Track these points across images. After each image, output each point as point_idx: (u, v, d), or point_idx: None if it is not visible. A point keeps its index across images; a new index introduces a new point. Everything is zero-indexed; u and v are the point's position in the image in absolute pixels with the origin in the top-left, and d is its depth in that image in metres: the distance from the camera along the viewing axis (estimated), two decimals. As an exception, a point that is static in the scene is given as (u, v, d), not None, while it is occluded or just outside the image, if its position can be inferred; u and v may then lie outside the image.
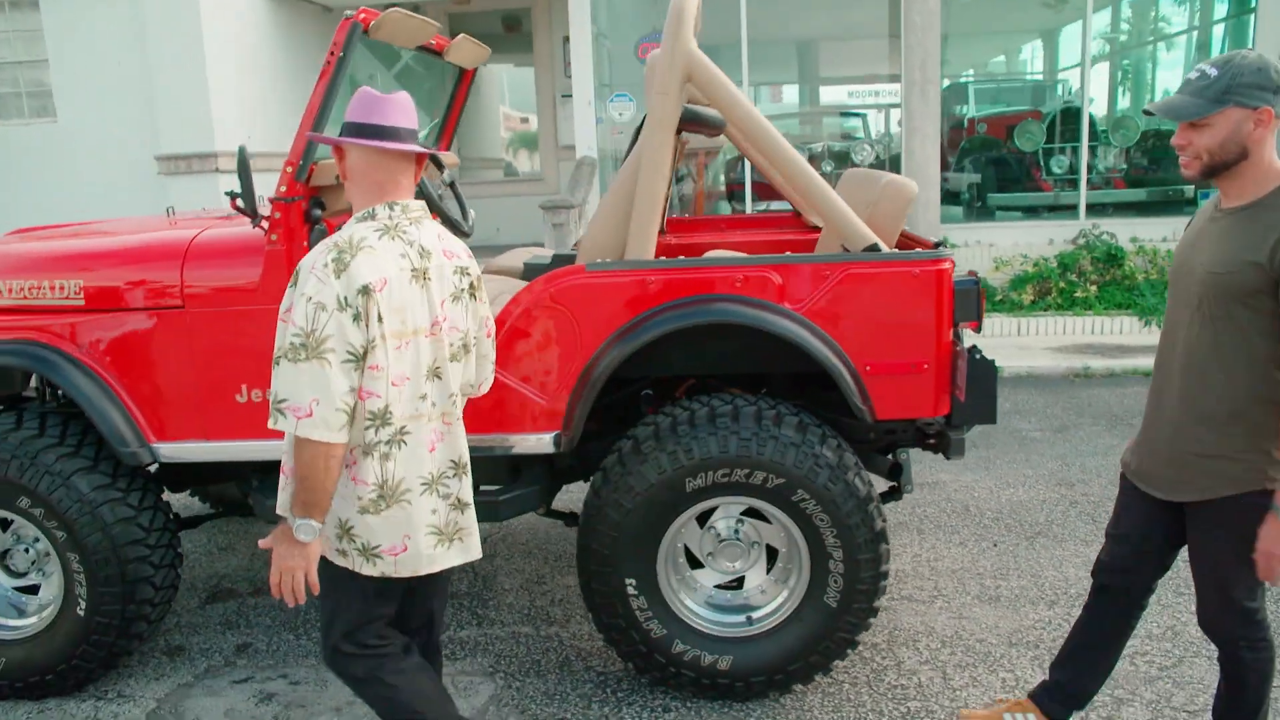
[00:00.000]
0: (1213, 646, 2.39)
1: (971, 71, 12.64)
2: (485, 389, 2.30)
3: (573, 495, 3.84)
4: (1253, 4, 9.72)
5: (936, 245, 2.86)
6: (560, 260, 3.45)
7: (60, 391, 3.24)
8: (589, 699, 2.95)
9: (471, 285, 2.14)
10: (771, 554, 2.90)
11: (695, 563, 2.92)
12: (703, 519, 2.86)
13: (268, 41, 8.15)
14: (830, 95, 12.31)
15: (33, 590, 3.09)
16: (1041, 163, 9.75)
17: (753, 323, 2.66)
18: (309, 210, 2.78)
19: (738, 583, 2.94)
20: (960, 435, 2.93)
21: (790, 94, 12.47)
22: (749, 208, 9.64)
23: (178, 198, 7.51)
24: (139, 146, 7.54)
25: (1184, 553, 2.29)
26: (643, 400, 3.10)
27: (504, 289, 3.33)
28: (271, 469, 3.01)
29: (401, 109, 2.00)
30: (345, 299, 1.86)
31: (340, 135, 1.99)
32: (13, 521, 3.01)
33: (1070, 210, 9.05)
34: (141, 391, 2.89)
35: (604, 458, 2.87)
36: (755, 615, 2.88)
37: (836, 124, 11.20)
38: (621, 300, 2.74)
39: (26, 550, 3.03)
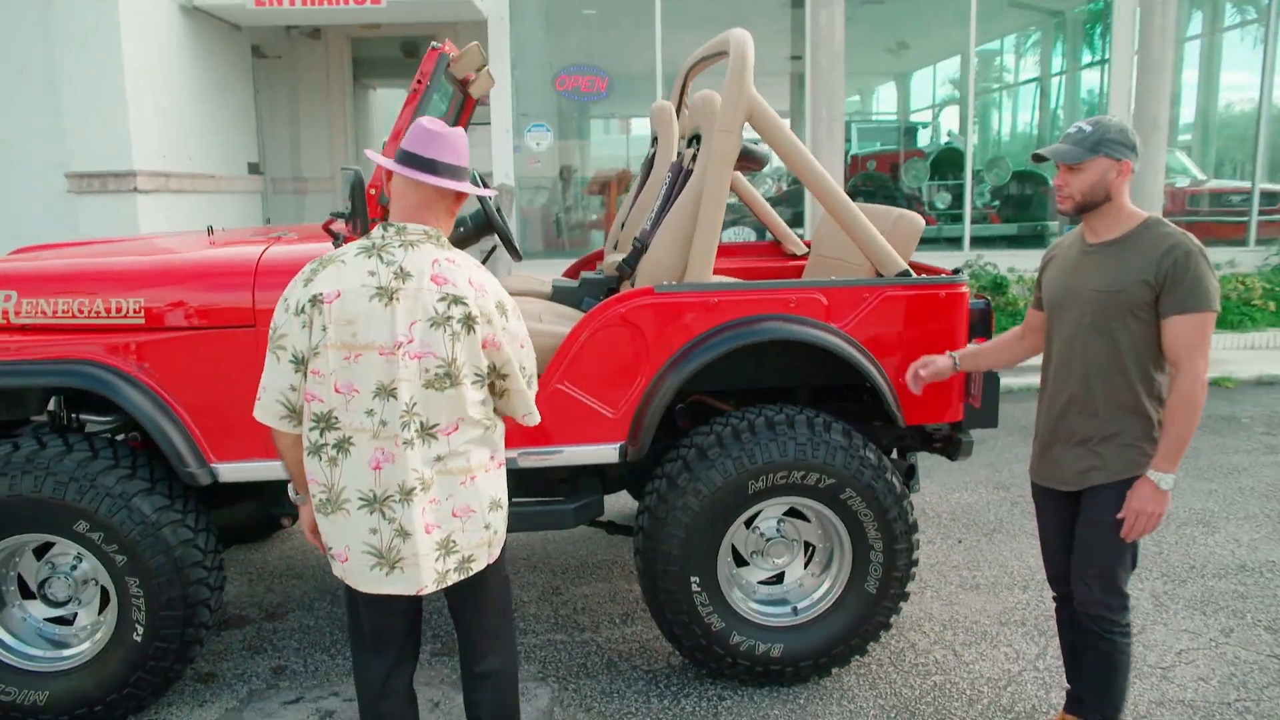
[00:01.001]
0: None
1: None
2: (529, 422, 2.27)
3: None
4: (1084, 62, 10.99)
5: (955, 272, 3.25)
6: (589, 284, 3.66)
7: (77, 416, 3.19)
8: (646, 694, 3.13)
9: (469, 318, 2.05)
10: (807, 550, 3.19)
11: (739, 561, 3.16)
12: (748, 521, 3.12)
13: (183, 58, 7.88)
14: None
15: (61, 621, 3.00)
16: (925, 198, 10.61)
17: (809, 340, 2.95)
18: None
19: (778, 578, 3.21)
20: (969, 438, 3.32)
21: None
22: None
23: (90, 218, 7.16)
24: (46, 163, 7.12)
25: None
26: (678, 414, 3.33)
27: (540, 309, 3.49)
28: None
29: (450, 146, 2.09)
30: (301, 305, 2.03)
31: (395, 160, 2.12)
32: (52, 547, 2.92)
33: (956, 242, 9.89)
34: (203, 410, 2.89)
35: (649, 468, 3.09)
36: (800, 606, 3.15)
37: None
38: (686, 320, 2.97)
39: (63, 578, 2.94)
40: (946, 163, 10.85)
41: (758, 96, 2.96)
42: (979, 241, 9.90)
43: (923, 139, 12.81)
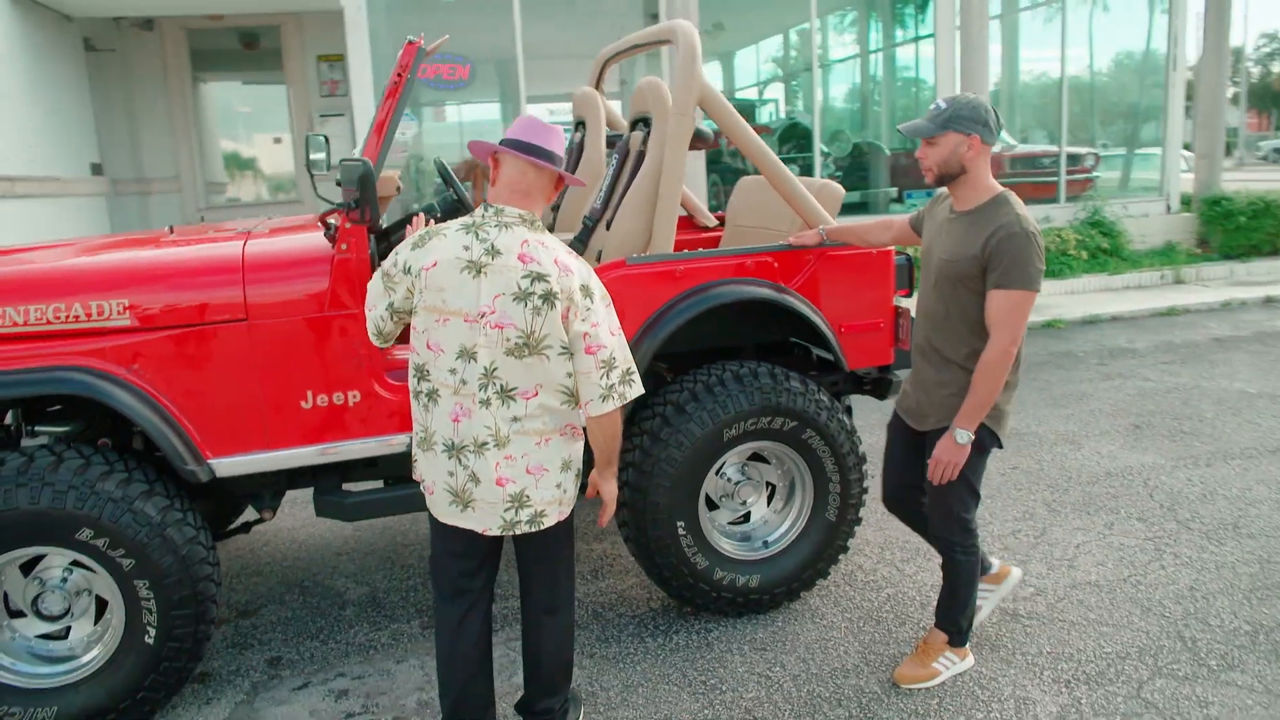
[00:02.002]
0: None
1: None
2: (591, 412, 2.31)
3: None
4: (899, 40, 11.96)
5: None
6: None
7: (33, 428, 3.11)
8: (639, 635, 3.40)
9: (549, 294, 2.22)
10: (768, 489, 3.54)
11: (710, 505, 3.47)
12: (717, 469, 3.42)
13: (14, 52, 7.31)
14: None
15: (51, 637, 2.94)
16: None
17: (773, 300, 3.28)
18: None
19: (744, 518, 3.55)
20: (896, 378, 3.76)
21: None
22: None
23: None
24: None
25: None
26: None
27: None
28: (327, 471, 3.15)
29: (559, 138, 2.36)
30: (407, 266, 2.31)
31: (502, 146, 2.33)
32: (38, 564, 2.86)
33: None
34: (196, 408, 2.90)
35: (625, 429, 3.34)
36: (770, 539, 3.49)
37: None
38: (657, 288, 3.23)
39: (56, 591, 2.88)
40: (790, 136, 11.54)
41: (707, 82, 3.24)
42: (847, 209, 10.62)
43: (761, 116, 13.51)
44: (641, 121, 3.67)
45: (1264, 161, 35.85)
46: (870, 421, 5.72)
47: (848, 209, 11.11)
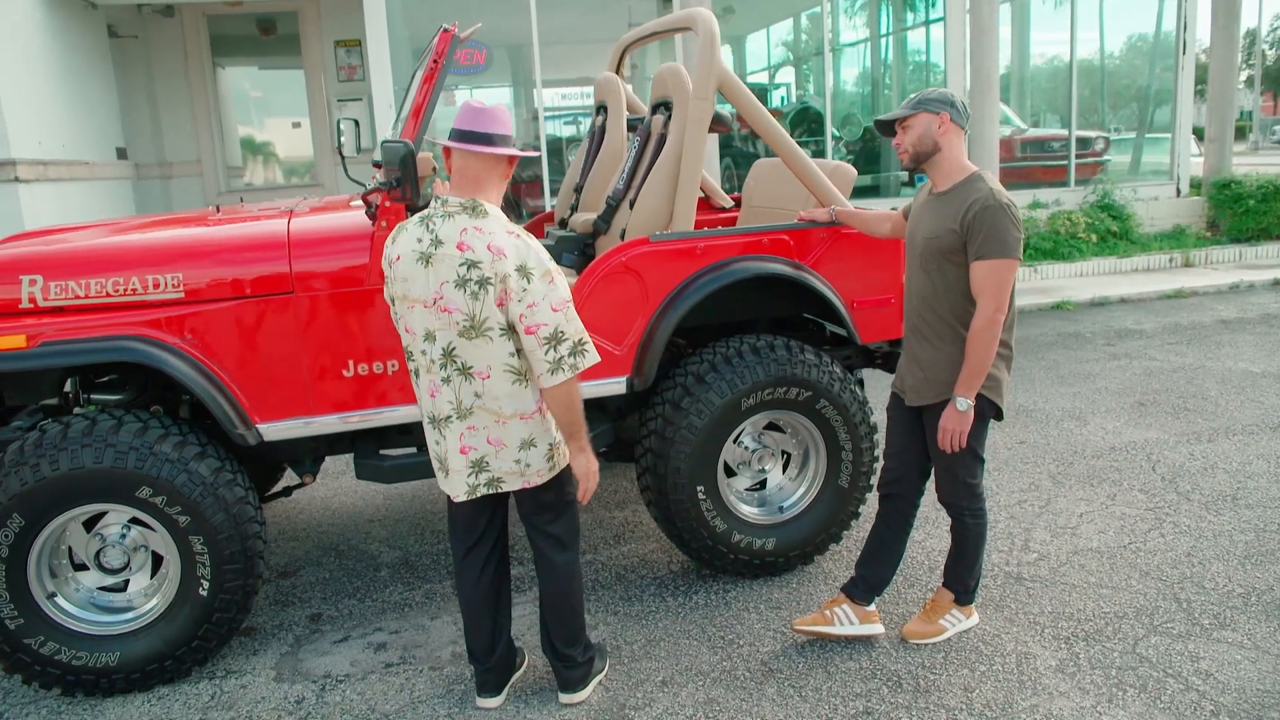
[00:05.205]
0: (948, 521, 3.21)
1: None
2: (544, 384, 2.45)
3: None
4: (910, 23, 12.03)
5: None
6: (565, 240, 4.01)
7: (89, 396, 3.29)
8: (660, 595, 3.58)
9: (484, 279, 2.36)
10: (784, 457, 3.70)
11: (728, 472, 3.64)
12: (735, 438, 3.59)
13: (43, 40, 7.49)
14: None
15: (110, 590, 3.13)
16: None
17: (789, 275, 3.43)
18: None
19: (760, 484, 3.71)
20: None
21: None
22: (547, 204, 10.30)
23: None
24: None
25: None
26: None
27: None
28: (367, 436, 3.34)
29: (496, 119, 2.44)
30: (387, 260, 2.55)
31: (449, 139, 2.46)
32: (100, 519, 3.05)
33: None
34: (246, 375, 3.08)
35: (648, 399, 3.51)
36: (786, 504, 3.66)
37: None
38: (679, 264, 3.39)
39: (115, 547, 3.08)
40: (802, 120, 11.64)
41: (726, 67, 3.39)
42: (854, 193, 10.75)
43: (773, 100, 13.60)
44: (662, 105, 3.81)
45: (1279, 145, 35.65)
46: (882, 396, 5.88)
47: (859, 192, 11.30)
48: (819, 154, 10.91)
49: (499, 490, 2.64)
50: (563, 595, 2.83)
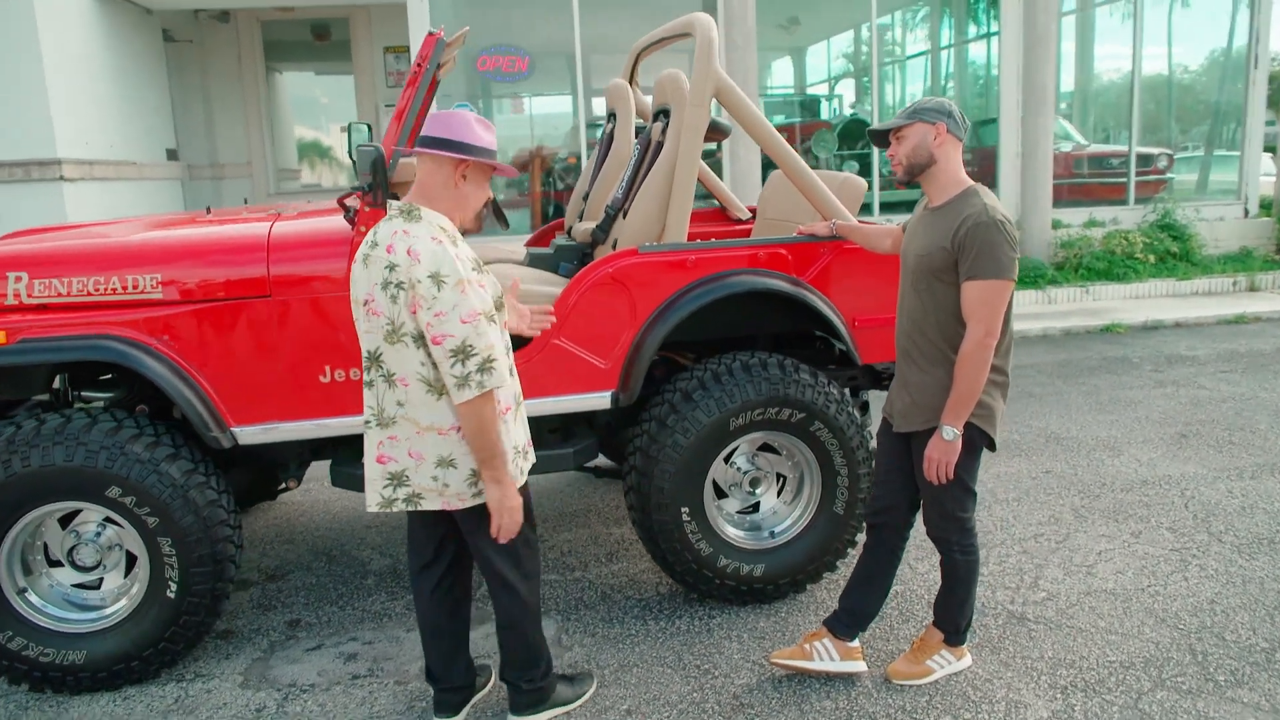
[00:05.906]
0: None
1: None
2: (455, 400, 2.32)
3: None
4: (971, 35, 11.70)
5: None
6: (564, 249, 3.93)
7: (80, 394, 3.31)
8: (642, 618, 3.46)
9: (399, 282, 2.28)
10: (779, 480, 3.56)
11: (719, 494, 3.50)
12: (726, 457, 3.46)
13: (98, 44, 7.71)
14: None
15: (85, 587, 3.13)
16: (834, 168, 11.14)
17: (783, 291, 3.30)
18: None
19: (753, 508, 3.57)
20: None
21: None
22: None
23: (10, 207, 7.00)
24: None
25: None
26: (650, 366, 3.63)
27: (521, 273, 3.74)
28: (345, 443, 3.29)
29: (440, 122, 2.36)
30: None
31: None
32: (76, 515, 3.05)
33: (866, 209, 10.45)
34: (222, 378, 3.06)
35: (634, 416, 3.39)
36: (777, 530, 3.51)
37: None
38: (668, 276, 3.28)
39: (89, 545, 3.07)
40: (852, 133, 11.41)
41: (723, 74, 3.27)
42: (887, 207, 10.51)
43: (824, 112, 13.37)
44: (663, 113, 3.71)
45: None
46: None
47: (906, 207, 11.04)
48: (866, 169, 10.68)
49: (419, 507, 2.49)
50: (511, 623, 2.71)
